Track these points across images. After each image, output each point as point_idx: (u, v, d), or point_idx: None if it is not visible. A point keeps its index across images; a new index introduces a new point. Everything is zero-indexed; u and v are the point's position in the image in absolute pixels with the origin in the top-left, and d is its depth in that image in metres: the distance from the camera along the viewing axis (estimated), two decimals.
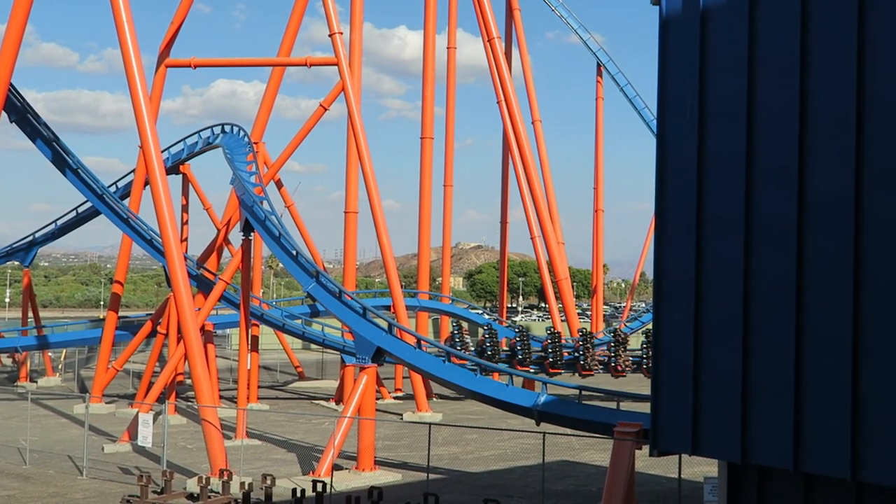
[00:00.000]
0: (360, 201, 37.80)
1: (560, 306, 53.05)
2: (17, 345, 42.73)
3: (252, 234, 29.40)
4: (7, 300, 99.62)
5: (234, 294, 37.83)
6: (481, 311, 56.28)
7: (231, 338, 65.39)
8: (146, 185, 34.54)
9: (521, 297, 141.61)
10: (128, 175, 41.60)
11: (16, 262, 49.33)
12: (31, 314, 49.00)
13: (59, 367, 51.79)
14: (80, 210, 43.00)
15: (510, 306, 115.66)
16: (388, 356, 24.51)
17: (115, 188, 41.19)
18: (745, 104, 12.52)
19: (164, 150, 36.86)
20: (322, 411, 37.50)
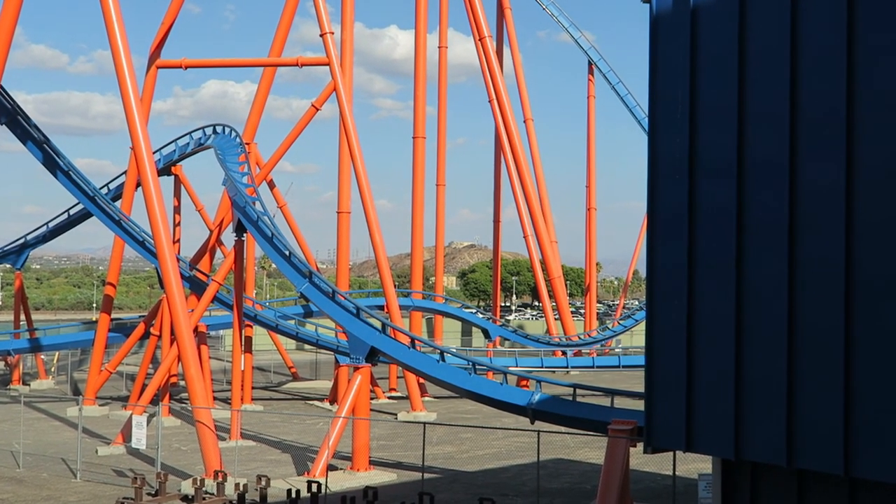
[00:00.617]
0: (353, 201, 37.84)
1: (553, 305, 53.19)
2: (9, 348, 42.60)
3: (245, 234, 29.38)
4: None
5: (227, 295, 37.78)
6: (475, 311, 56.32)
7: (224, 339, 65.30)
8: (138, 186, 34.50)
9: (514, 296, 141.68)
10: (119, 177, 41.49)
11: (7, 265, 49.20)
12: (23, 317, 48.84)
13: (52, 369, 51.64)
14: (71, 212, 42.89)
15: (504, 305, 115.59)
16: (382, 356, 24.52)
17: (106, 190, 41.08)
18: (736, 102, 12.55)
19: (155, 152, 36.83)
20: (316, 412, 37.48)
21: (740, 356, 12.24)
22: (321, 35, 34.86)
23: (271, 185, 46.99)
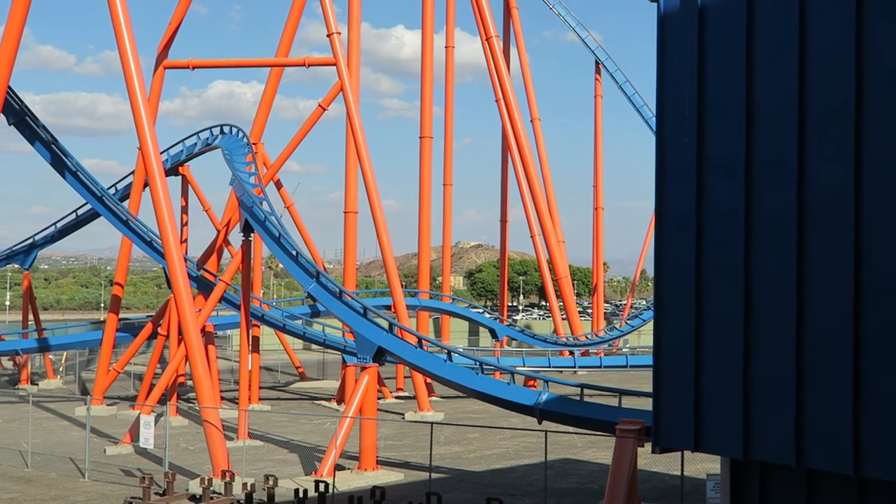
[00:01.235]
0: (360, 201, 37.85)
1: (561, 304, 53.15)
2: (17, 348, 42.71)
3: (252, 234, 29.39)
4: (7, 303, 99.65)
5: (235, 295, 37.82)
6: (482, 311, 56.31)
7: (232, 339, 65.40)
8: (145, 186, 34.52)
9: (521, 296, 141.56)
10: (127, 177, 41.59)
11: (16, 265, 49.31)
12: (31, 317, 49.00)
13: (60, 369, 51.77)
14: (79, 212, 42.99)
15: (511, 305, 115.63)
16: (389, 356, 24.52)
17: (114, 190, 41.19)
18: (744, 101, 12.52)
19: (163, 152, 36.89)
20: (324, 411, 37.50)
21: (749, 355, 12.21)
22: (328, 35, 34.86)
23: (278, 185, 47.03)
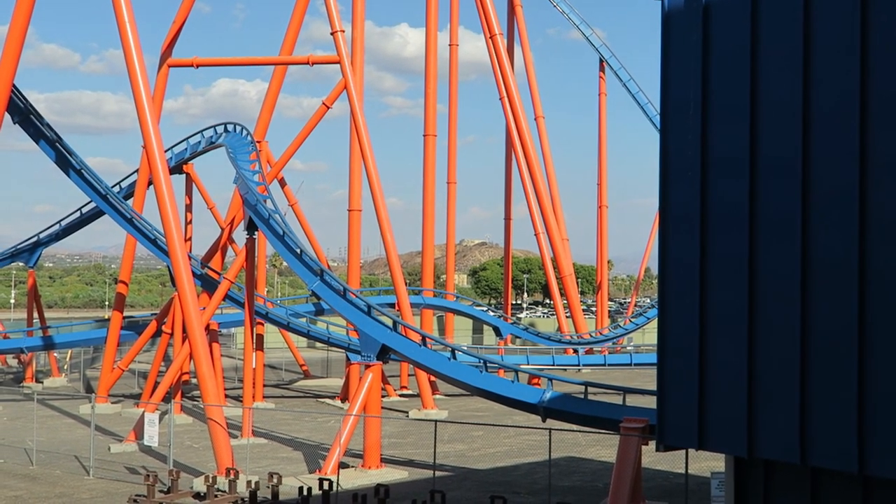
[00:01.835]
0: (364, 199, 37.85)
1: (565, 302, 53.14)
2: (22, 346, 42.77)
3: (256, 232, 29.41)
4: (12, 301, 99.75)
5: (239, 293, 37.84)
6: (486, 308, 56.29)
7: (236, 337, 65.44)
8: (150, 184, 34.61)
9: (525, 294, 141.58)
10: (131, 175, 41.63)
11: (20, 263, 49.37)
12: (36, 315, 49.08)
13: (65, 367, 51.86)
14: (84, 211, 43.03)
15: (515, 303, 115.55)
16: (393, 354, 24.54)
17: (118, 188, 41.23)
18: (749, 99, 12.49)
19: (167, 150, 36.90)
20: (328, 409, 37.53)
21: (753, 353, 12.19)
22: (332, 33, 34.87)
23: (282, 183, 47.06)
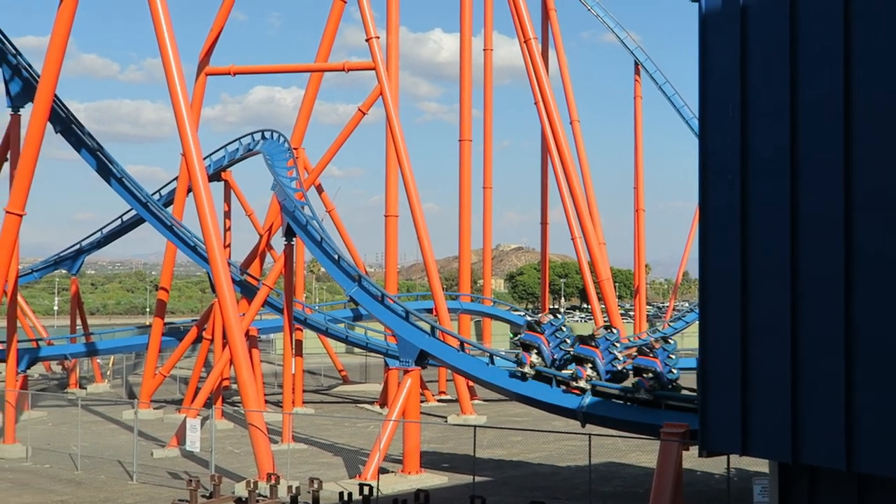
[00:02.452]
0: (401, 205, 37.94)
1: (602, 307, 52.83)
2: (66, 352, 43.33)
3: (294, 239, 29.60)
4: (56, 308, 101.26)
5: (278, 299, 38.08)
6: (523, 313, 56.16)
7: (275, 342, 65.85)
8: (189, 192, 34.90)
9: (563, 299, 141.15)
10: (170, 183, 42.08)
11: (63, 271, 50.04)
12: (79, 322, 49.73)
13: (108, 373, 52.51)
14: (124, 218, 43.48)
15: (552, 307, 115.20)
16: (431, 359, 24.55)
17: (158, 196, 41.65)
18: (788, 99, 12.37)
19: (205, 158, 37.26)
20: (367, 414, 37.64)
21: (796, 357, 12.05)
22: (367, 40, 35.01)
23: (319, 189, 47.29)
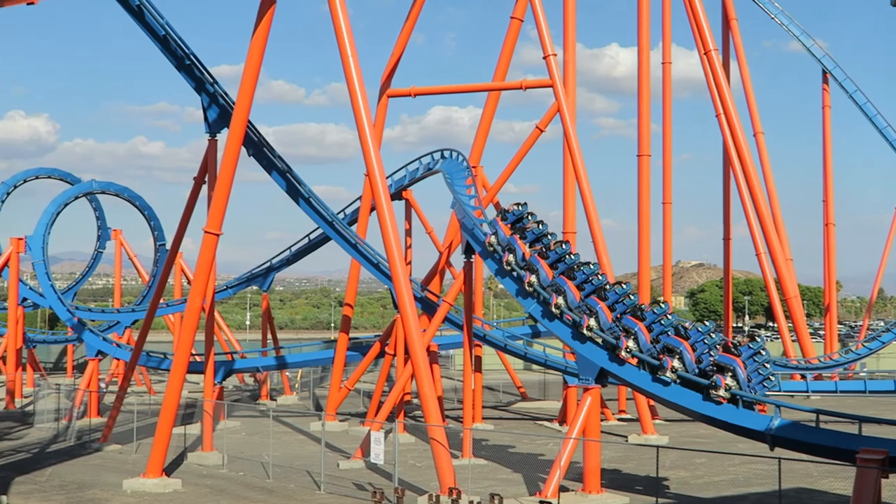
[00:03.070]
0: (578, 221, 37.77)
1: (790, 326, 50.74)
2: (258, 365, 45.41)
3: (473, 256, 29.96)
4: (247, 322, 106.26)
5: (457, 315, 38.59)
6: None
7: (454, 358, 66.72)
8: (372, 210, 35.98)
9: (746, 317, 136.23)
10: (354, 202, 43.50)
11: (255, 287, 52.49)
12: (269, 336, 52.04)
13: (296, 385, 54.68)
14: (311, 237, 45.22)
15: (736, 326, 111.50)
16: (611, 377, 24.27)
17: (342, 215, 43.11)
18: None
19: (387, 177, 38.31)
20: (546, 432, 37.55)
21: None
22: (544, 57, 35.17)
23: (497, 207, 47.66)
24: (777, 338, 74.62)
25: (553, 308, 24.00)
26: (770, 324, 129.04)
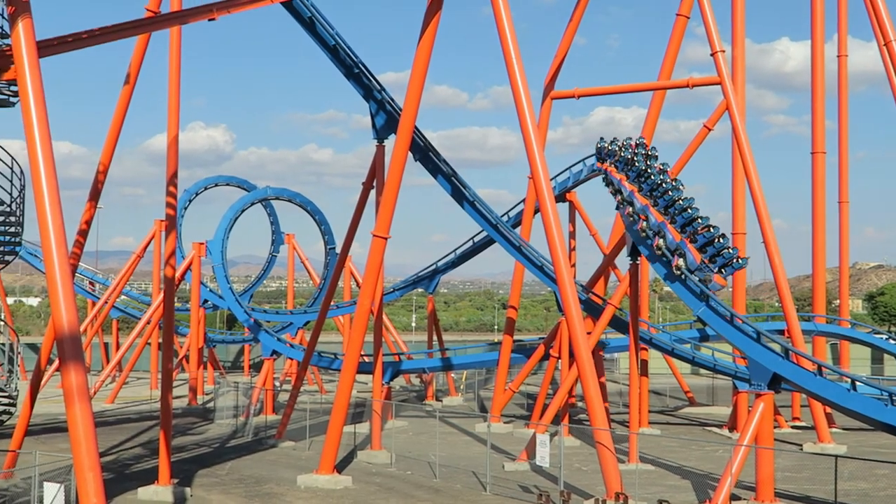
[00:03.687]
0: (748, 221, 36.64)
1: None
2: (424, 366, 46.20)
3: (639, 258, 29.53)
4: (413, 324, 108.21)
5: (622, 318, 38.10)
6: (886, 336, 51.78)
7: (619, 361, 65.89)
8: (536, 213, 35.99)
9: None
10: (518, 205, 43.62)
11: (420, 290, 53.41)
12: (435, 337, 52.84)
13: (461, 387, 55.32)
14: (475, 240, 45.67)
15: None
16: (785, 383, 23.41)
17: (506, 218, 43.30)
18: None
19: (551, 179, 38.25)
20: (715, 438, 36.58)
21: None
22: (711, 54, 34.29)
23: None
24: None
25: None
26: None
